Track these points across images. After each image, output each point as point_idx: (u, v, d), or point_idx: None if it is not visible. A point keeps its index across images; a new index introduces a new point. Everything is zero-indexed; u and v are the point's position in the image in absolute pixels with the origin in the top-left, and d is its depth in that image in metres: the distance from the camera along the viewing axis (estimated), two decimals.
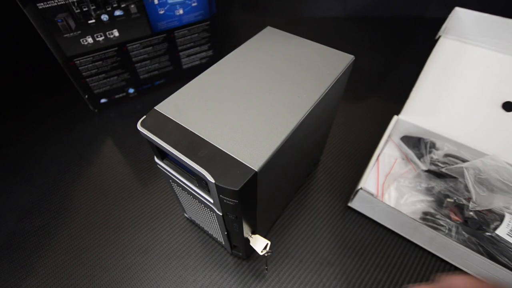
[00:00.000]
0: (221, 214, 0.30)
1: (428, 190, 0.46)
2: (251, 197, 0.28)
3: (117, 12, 0.53)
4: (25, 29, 0.64)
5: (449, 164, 0.47)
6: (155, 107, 0.30)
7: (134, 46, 0.59)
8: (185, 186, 0.31)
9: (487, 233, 0.39)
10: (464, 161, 0.47)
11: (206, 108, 0.29)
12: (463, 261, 0.39)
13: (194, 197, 0.32)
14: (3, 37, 0.71)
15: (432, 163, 0.48)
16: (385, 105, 0.65)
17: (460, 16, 0.52)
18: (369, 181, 0.49)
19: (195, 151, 0.26)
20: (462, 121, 0.50)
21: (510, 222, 0.39)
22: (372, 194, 0.42)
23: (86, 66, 0.56)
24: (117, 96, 0.65)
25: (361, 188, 0.42)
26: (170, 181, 0.34)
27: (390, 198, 0.47)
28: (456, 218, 0.42)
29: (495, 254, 0.38)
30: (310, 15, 0.95)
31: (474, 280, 0.22)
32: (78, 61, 0.55)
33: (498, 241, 0.38)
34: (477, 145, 0.47)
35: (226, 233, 0.34)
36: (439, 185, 0.45)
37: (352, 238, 0.45)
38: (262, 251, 0.33)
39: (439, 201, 0.44)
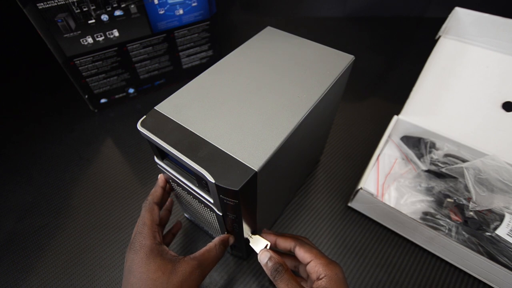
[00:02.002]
0: (221, 214, 0.30)
1: (428, 190, 0.46)
2: (251, 197, 0.28)
3: (117, 12, 0.53)
4: (25, 29, 0.65)
5: (449, 164, 0.47)
6: (155, 107, 0.30)
7: (134, 46, 0.59)
8: (185, 186, 0.31)
9: (487, 233, 0.39)
10: (464, 161, 0.47)
11: (206, 108, 0.29)
12: (463, 261, 0.39)
13: (194, 197, 0.32)
14: (3, 37, 0.71)
15: (432, 163, 0.48)
16: (385, 105, 0.65)
17: (460, 16, 0.52)
18: (369, 181, 0.49)
19: (195, 151, 0.26)
20: (462, 121, 0.50)
21: (510, 222, 0.39)
22: (372, 194, 0.42)
23: (86, 66, 0.57)
24: (117, 96, 0.65)
25: (361, 188, 0.42)
26: (170, 181, 0.34)
27: (390, 198, 0.47)
28: (456, 218, 0.42)
29: (495, 254, 0.38)
30: (310, 15, 0.95)
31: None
32: (78, 61, 0.55)
33: (498, 241, 0.38)
34: (477, 145, 0.47)
35: (226, 233, 0.34)
36: (439, 185, 0.45)
37: (352, 238, 0.45)
38: None
39: (439, 201, 0.44)
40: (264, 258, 0.30)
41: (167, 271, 0.27)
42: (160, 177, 0.35)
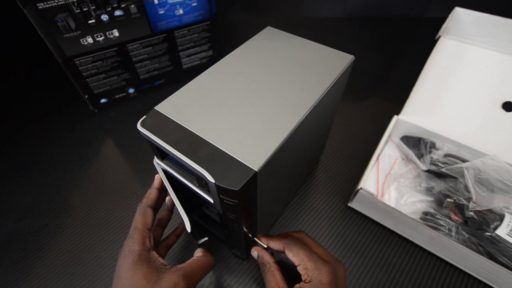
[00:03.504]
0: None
1: (428, 190, 0.46)
2: (251, 197, 0.28)
3: (117, 12, 0.53)
4: (25, 29, 0.65)
5: (449, 164, 0.47)
6: (155, 107, 0.30)
7: (134, 46, 0.59)
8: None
9: (487, 233, 0.39)
10: (464, 161, 0.47)
11: (206, 108, 0.29)
12: (463, 261, 0.39)
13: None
14: (3, 37, 0.71)
15: (432, 163, 0.48)
16: (385, 105, 0.65)
17: (460, 16, 0.52)
18: (369, 181, 0.49)
19: (195, 151, 0.26)
20: (462, 121, 0.50)
21: (510, 222, 0.39)
22: (372, 194, 0.42)
23: (86, 66, 0.57)
24: (117, 96, 0.65)
25: (361, 188, 0.42)
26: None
27: (390, 198, 0.47)
28: (456, 218, 0.42)
29: (495, 254, 0.38)
30: (310, 15, 0.95)
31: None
32: (78, 61, 0.55)
33: (498, 241, 0.38)
34: (477, 145, 0.47)
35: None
36: (439, 185, 0.45)
37: (352, 238, 0.45)
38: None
39: (439, 201, 0.44)
40: (254, 255, 0.33)
41: (152, 280, 0.26)
42: (157, 177, 0.34)
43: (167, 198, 0.39)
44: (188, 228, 0.30)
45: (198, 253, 0.32)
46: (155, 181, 0.34)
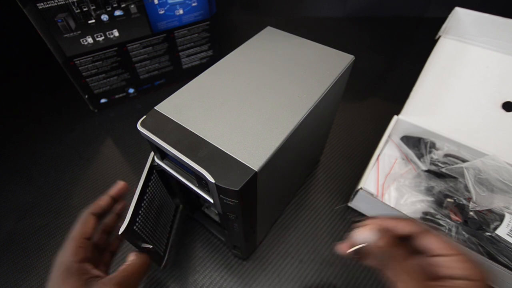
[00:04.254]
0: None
1: (428, 190, 0.46)
2: (251, 197, 0.28)
3: (117, 12, 0.53)
4: (25, 29, 0.65)
5: (449, 164, 0.47)
6: (155, 107, 0.30)
7: (134, 46, 0.59)
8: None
9: (487, 233, 0.39)
10: (464, 161, 0.47)
11: (206, 108, 0.29)
12: None
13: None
14: (3, 37, 0.71)
15: (432, 163, 0.48)
16: (385, 105, 0.65)
17: (460, 16, 0.52)
18: (369, 181, 0.49)
19: (195, 151, 0.26)
20: (462, 121, 0.50)
21: (510, 222, 0.39)
22: (372, 194, 0.42)
23: (86, 66, 0.56)
24: (117, 96, 0.65)
25: (361, 188, 0.42)
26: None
27: (390, 198, 0.47)
28: (456, 218, 0.42)
29: (495, 254, 0.38)
30: (310, 15, 0.95)
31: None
32: (78, 61, 0.55)
33: (498, 241, 0.38)
34: (477, 145, 0.47)
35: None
36: (439, 185, 0.45)
37: None
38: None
39: (439, 201, 0.44)
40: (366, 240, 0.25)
41: None
42: (119, 184, 0.32)
43: (121, 204, 0.36)
44: (121, 229, 0.27)
45: (131, 256, 0.30)
46: (113, 189, 0.32)
